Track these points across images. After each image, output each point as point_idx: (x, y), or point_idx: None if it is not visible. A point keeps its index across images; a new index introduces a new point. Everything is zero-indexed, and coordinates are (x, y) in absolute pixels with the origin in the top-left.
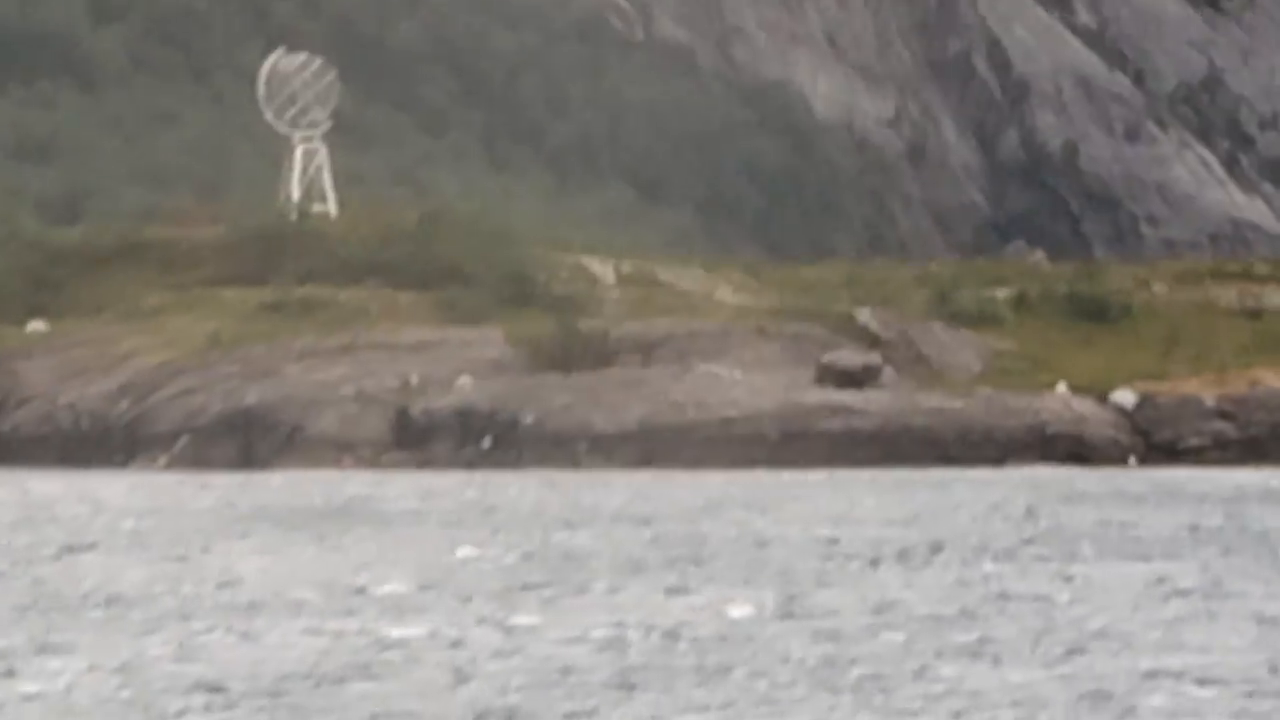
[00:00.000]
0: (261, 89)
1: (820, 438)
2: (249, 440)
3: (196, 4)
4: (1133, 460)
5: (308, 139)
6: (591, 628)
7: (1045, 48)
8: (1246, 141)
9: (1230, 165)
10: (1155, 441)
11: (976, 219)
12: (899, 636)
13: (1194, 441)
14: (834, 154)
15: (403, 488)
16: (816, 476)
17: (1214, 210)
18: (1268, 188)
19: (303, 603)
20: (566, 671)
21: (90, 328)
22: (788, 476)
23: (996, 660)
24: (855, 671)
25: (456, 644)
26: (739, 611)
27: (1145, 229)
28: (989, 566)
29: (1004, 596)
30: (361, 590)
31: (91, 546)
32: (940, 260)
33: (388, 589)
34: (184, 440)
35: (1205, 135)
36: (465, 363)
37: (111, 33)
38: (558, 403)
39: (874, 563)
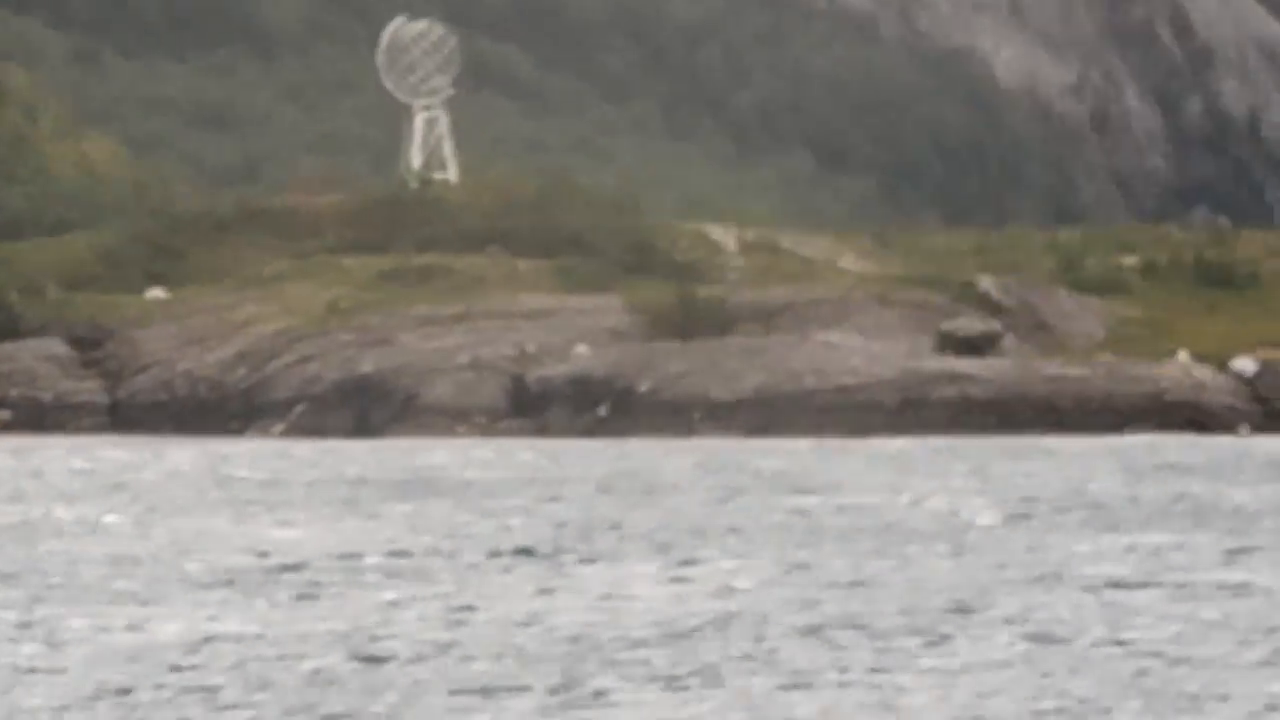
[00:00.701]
0: (381, 57)
1: (937, 405)
2: (365, 408)
3: None
4: (1244, 429)
5: (428, 107)
6: (581, 598)
7: (1229, 14)
8: None
9: None
10: (1274, 409)
11: (1159, 186)
12: (885, 607)
13: None
14: (1017, 121)
15: (488, 455)
16: (915, 444)
17: None
18: None
19: (308, 571)
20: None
21: (209, 295)
22: (884, 444)
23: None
24: (833, 634)
25: (450, 610)
26: (738, 583)
27: None
28: (1015, 538)
29: (1002, 566)
30: (358, 556)
31: (127, 514)
32: (1070, 228)
33: (392, 560)
34: (300, 408)
35: None
36: (583, 331)
37: (290, 0)
38: (674, 370)
39: (894, 535)
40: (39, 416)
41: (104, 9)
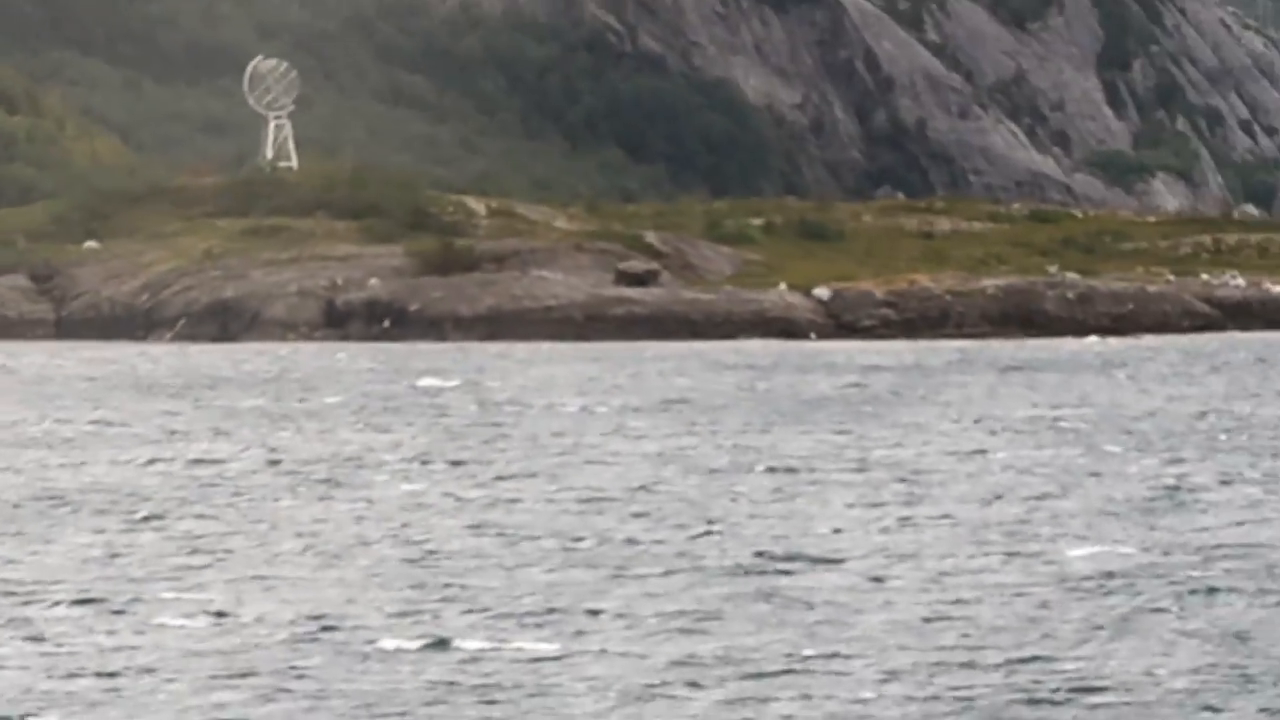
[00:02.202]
0: (246, 83)
1: (611, 320)
2: (226, 322)
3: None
4: (812, 335)
5: (278, 117)
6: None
7: (904, 55)
8: (1041, 119)
9: (1030, 135)
10: (842, 323)
11: (857, 171)
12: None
13: (867, 322)
14: (761, 126)
15: (267, 360)
16: (583, 349)
17: (1019, 166)
18: (1056, 150)
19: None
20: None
21: (126, 245)
22: (570, 348)
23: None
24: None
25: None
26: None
27: (973, 179)
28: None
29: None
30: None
31: None
32: (723, 200)
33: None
34: (182, 322)
35: (1014, 114)
36: (375, 269)
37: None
38: (435, 296)
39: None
40: (7, 329)
41: (145, 49)
